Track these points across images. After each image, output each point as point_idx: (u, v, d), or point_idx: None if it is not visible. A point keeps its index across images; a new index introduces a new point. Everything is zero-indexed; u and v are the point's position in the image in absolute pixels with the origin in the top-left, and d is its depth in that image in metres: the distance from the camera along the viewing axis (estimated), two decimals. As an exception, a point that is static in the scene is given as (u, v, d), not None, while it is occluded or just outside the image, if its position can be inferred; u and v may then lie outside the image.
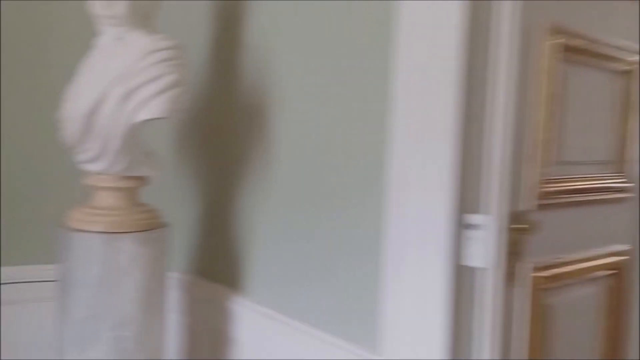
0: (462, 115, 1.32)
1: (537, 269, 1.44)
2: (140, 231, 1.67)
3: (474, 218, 1.33)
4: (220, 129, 1.97)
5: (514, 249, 1.36)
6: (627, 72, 1.74)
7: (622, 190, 1.77)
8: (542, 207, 1.43)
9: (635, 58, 1.76)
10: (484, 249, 1.31)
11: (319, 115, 1.63)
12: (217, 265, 2.01)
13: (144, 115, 1.56)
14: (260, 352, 1.81)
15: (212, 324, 1.99)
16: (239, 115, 1.89)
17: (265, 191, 1.82)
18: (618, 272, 1.75)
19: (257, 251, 1.86)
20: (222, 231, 1.97)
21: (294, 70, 1.70)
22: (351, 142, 1.55)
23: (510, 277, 1.37)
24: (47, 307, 1.84)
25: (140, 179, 1.71)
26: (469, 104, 1.35)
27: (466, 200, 1.38)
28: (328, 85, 1.60)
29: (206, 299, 2.01)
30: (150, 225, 1.71)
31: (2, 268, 2.01)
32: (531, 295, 1.43)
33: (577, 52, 1.53)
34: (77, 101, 1.60)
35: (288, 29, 1.72)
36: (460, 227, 1.37)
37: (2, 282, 2.00)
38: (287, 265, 1.75)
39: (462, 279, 1.40)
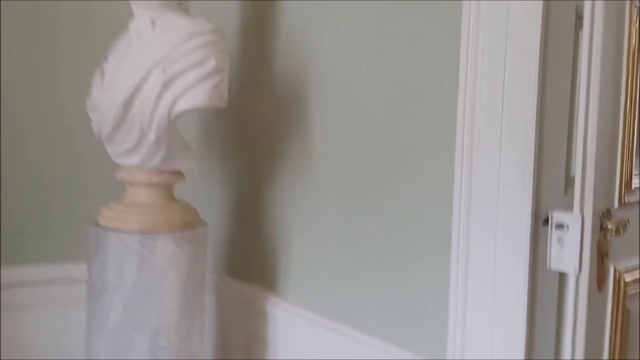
0: (543, 98, 1.20)
1: (619, 272, 1.32)
2: (178, 231, 1.54)
3: (560, 217, 1.20)
4: (253, 121, 1.83)
5: (601, 250, 1.24)
6: None
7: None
8: (624, 205, 1.30)
9: None
10: (572, 251, 1.19)
11: (370, 105, 1.50)
12: (250, 264, 1.88)
13: (184, 104, 1.43)
14: (299, 356, 1.69)
15: (245, 327, 1.86)
16: (275, 105, 1.76)
17: (305, 186, 1.68)
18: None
19: (297, 250, 1.73)
20: (255, 229, 1.84)
21: (340, 57, 1.56)
22: (411, 131, 1.42)
23: (598, 282, 1.24)
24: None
25: (177, 174, 1.58)
26: (551, 86, 1.23)
27: (549, 196, 1.26)
28: (383, 73, 1.47)
29: (239, 301, 1.88)
30: (188, 224, 1.58)
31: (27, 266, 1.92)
32: (613, 301, 1.31)
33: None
34: (112, 89, 1.47)
35: (333, 12, 1.58)
36: (543, 226, 1.25)
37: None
38: (335, 266, 1.62)
39: (545, 284, 1.28)
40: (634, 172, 1.32)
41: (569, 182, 1.35)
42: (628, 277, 1.34)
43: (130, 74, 1.45)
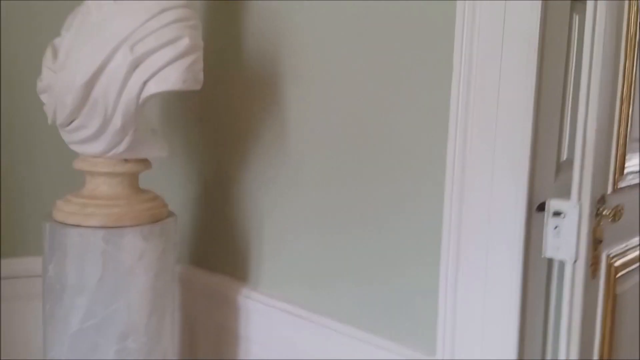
0: (541, 81, 1.17)
1: (610, 257, 1.32)
2: (145, 224, 1.42)
3: (557, 204, 1.18)
4: (221, 102, 1.71)
5: (595, 237, 1.22)
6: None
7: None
8: (616, 190, 1.30)
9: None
10: (569, 239, 1.17)
11: (354, 86, 1.42)
12: (219, 254, 1.77)
13: (155, 86, 1.30)
14: (273, 350, 1.61)
15: (215, 320, 1.77)
16: (246, 87, 1.64)
17: (279, 171, 1.59)
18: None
19: (269, 238, 1.64)
20: (224, 216, 1.74)
21: (320, 36, 1.47)
22: (400, 113, 1.35)
23: (592, 269, 1.23)
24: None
25: (144, 162, 1.45)
26: (548, 70, 1.19)
27: (541, 183, 1.24)
28: (368, 51, 1.39)
29: (206, 292, 1.78)
30: (156, 216, 1.45)
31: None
32: (605, 286, 1.30)
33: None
34: (69, 69, 1.31)
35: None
36: (536, 213, 1.23)
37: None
38: (312, 254, 1.55)
39: (538, 272, 1.26)
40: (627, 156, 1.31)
41: (559, 168, 1.33)
42: (617, 262, 1.34)
43: (90, 52, 1.30)
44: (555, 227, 1.18)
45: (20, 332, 1.90)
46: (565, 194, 1.25)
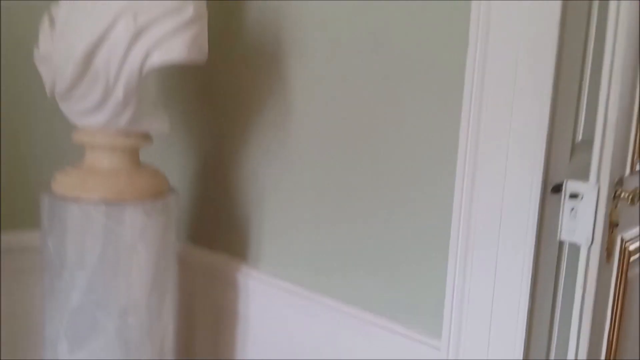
0: (561, 57, 1.12)
1: (625, 241, 1.29)
2: (147, 200, 1.38)
3: (575, 186, 1.14)
4: (223, 76, 1.66)
5: (611, 220, 1.19)
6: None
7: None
8: (634, 172, 1.26)
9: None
10: (586, 222, 1.13)
11: (363, 61, 1.37)
12: (218, 231, 1.74)
13: (159, 58, 1.25)
14: (273, 329, 1.59)
15: (213, 299, 1.74)
16: (249, 61, 1.59)
17: (282, 145, 1.54)
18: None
19: (271, 216, 1.60)
20: (224, 192, 1.70)
21: (329, 12, 1.42)
22: (411, 88, 1.31)
23: (607, 253, 1.20)
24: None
25: (145, 136, 1.41)
26: (568, 45, 1.14)
27: (556, 163, 1.20)
28: (378, 26, 1.34)
29: (205, 271, 1.75)
30: (158, 192, 1.42)
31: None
32: (618, 270, 1.28)
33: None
34: (67, 38, 1.26)
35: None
36: (551, 195, 1.19)
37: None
38: (315, 233, 1.51)
39: (549, 256, 1.22)
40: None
41: (574, 149, 1.29)
42: (631, 246, 1.31)
43: (90, 20, 1.25)
44: (572, 209, 1.15)
45: (19, 306, 1.88)
46: (579, 176, 1.21)
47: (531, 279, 1.18)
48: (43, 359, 1.44)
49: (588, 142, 1.24)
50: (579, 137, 1.30)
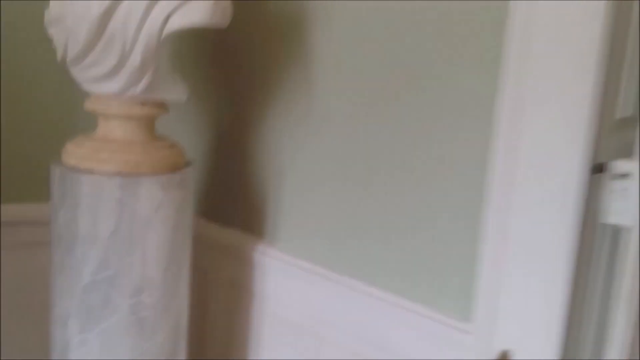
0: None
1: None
2: (164, 173, 1.31)
3: (622, 165, 1.08)
4: (241, 43, 1.58)
5: (656, 202, 1.13)
6: None
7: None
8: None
9: None
10: (633, 202, 1.07)
11: (390, 29, 1.29)
12: (234, 207, 1.67)
13: (179, 21, 1.17)
14: (289, 307, 1.54)
15: (228, 276, 1.68)
16: (269, 27, 1.51)
17: (304, 116, 1.46)
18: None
19: (290, 192, 1.53)
20: (240, 166, 1.63)
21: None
22: (445, 56, 1.23)
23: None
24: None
25: (161, 106, 1.33)
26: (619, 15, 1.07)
27: (599, 141, 1.13)
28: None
29: (219, 247, 1.69)
30: (175, 165, 1.35)
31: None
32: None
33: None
34: (82, -2, 1.18)
35: None
36: (592, 176, 1.13)
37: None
38: (336, 210, 1.45)
39: (590, 240, 1.17)
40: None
41: (614, 125, 1.23)
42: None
43: (107, -21, 1.16)
44: (621, 190, 1.08)
45: (21, 281, 1.82)
46: (621, 155, 1.15)
47: (572, 264, 1.12)
48: (52, 338, 1.38)
49: (628, 119, 1.17)
50: (618, 114, 1.24)
